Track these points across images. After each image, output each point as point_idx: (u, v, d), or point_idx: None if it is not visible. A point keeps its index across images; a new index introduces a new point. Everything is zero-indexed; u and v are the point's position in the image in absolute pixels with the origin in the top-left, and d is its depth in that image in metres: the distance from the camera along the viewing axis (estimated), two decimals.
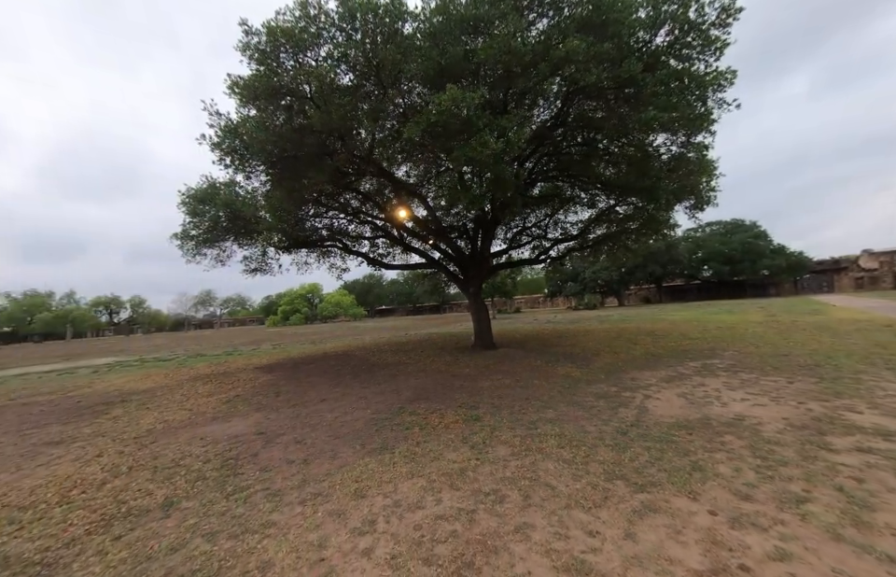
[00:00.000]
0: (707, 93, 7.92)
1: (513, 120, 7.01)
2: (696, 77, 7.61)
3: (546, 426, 4.68)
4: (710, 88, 7.80)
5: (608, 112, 8.77)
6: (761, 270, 43.06)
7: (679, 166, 9.84)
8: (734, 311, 22.11)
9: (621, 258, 25.64)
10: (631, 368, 7.96)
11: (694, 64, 8.01)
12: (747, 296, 43.35)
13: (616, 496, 2.96)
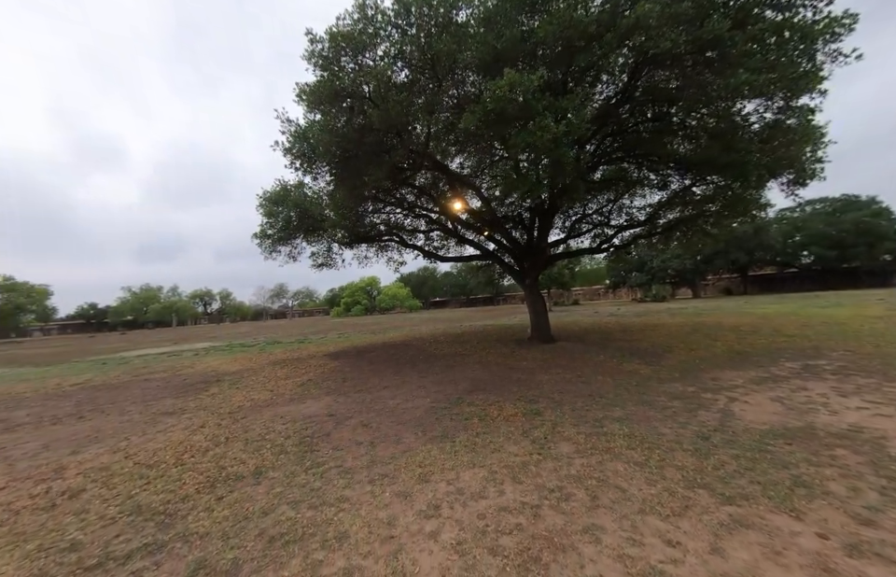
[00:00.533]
0: (815, 46, 6.70)
1: (574, 101, 6.60)
2: (801, 28, 6.48)
3: (613, 425, 4.42)
4: (821, 39, 6.59)
5: (684, 81, 7.86)
6: (881, 255, 35.91)
7: (774, 136, 8.50)
8: (844, 303, 18.76)
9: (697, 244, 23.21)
10: (711, 366, 7.17)
11: (799, 13, 6.83)
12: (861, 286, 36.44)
13: (699, 505, 2.70)
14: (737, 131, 8.54)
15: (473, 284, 62.05)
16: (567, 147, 6.42)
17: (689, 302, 32.42)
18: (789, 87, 7.14)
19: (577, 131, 7.19)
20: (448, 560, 2.32)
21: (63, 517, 3.14)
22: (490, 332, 16.68)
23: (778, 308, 18.61)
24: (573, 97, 6.54)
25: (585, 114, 7.68)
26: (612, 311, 27.56)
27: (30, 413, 6.94)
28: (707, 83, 7.21)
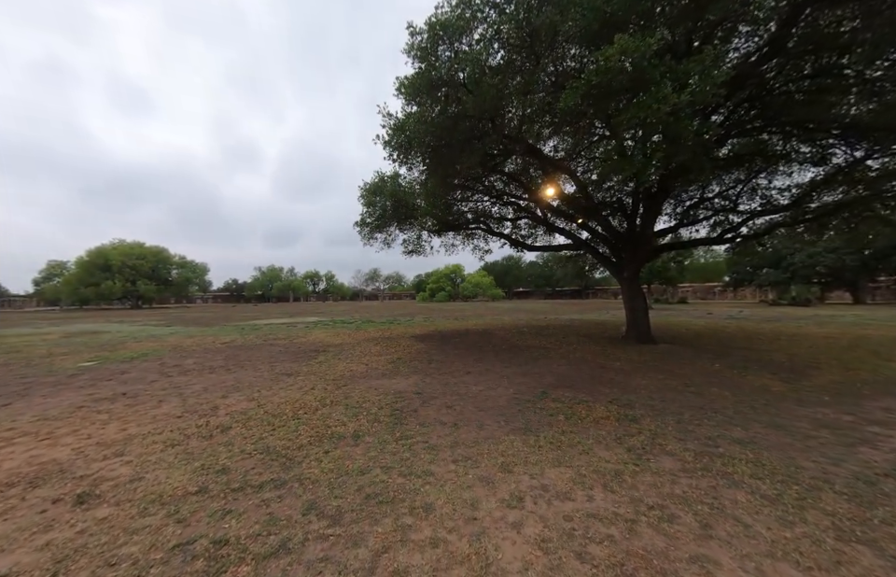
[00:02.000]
0: None
1: (703, 62, 5.59)
2: None
3: (732, 446, 3.76)
4: None
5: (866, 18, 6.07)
6: None
7: None
8: None
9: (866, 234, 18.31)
10: (879, 393, 5.57)
11: None
12: None
13: (857, 564, 2.14)
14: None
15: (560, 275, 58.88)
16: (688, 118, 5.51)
17: (848, 309, 25.59)
18: None
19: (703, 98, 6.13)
20: (531, 555, 2.28)
21: (217, 446, 3.99)
22: (578, 327, 15.69)
23: None
24: (701, 58, 5.54)
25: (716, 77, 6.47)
26: (732, 313, 23.31)
27: (195, 361, 8.94)
28: None
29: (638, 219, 11.77)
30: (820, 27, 6.94)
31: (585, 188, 12.09)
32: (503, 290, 71.63)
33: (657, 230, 14.83)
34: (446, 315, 26.54)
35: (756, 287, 41.23)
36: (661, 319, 19.37)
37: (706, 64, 5.33)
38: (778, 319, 18.25)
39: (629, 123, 5.90)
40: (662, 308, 31.86)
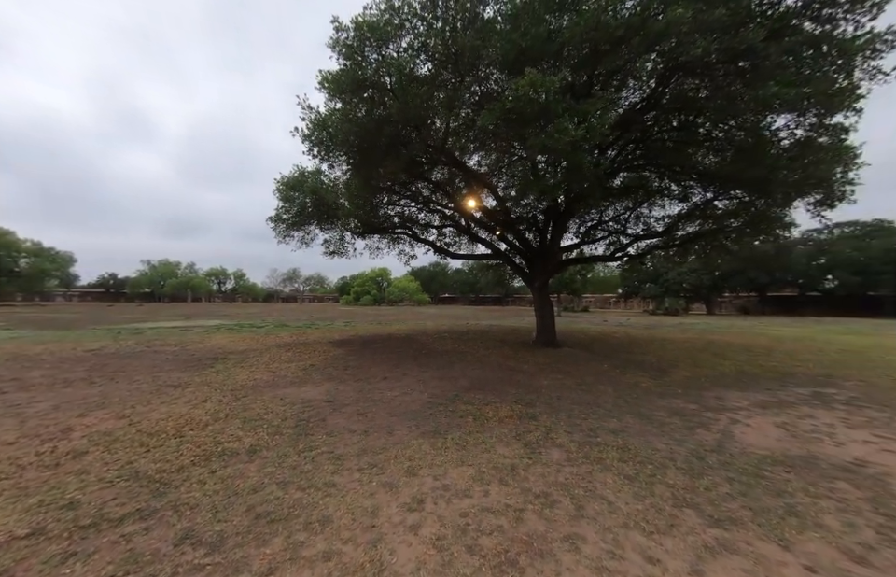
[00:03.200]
0: (853, 62, 6.42)
1: (597, 105, 6.48)
2: (840, 43, 6.21)
3: (607, 436, 4.37)
4: (860, 55, 6.31)
5: (714, 91, 7.65)
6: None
7: (803, 153, 8.16)
8: (865, 332, 18.05)
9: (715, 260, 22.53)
10: (716, 386, 7.01)
11: (839, 27, 6.54)
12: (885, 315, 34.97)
13: (685, 525, 2.66)
14: (765, 145, 8.27)
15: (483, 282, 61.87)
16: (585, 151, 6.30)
17: (702, 319, 31.68)
18: (823, 103, 6.87)
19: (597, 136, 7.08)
20: (426, 554, 2.35)
21: (65, 476, 3.28)
22: (495, 333, 16.64)
23: (795, 332, 18.02)
24: (595, 102, 6.42)
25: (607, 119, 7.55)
26: (622, 321, 27.14)
27: (45, 374, 7.25)
28: (737, 94, 7.00)
29: (549, 235, 13.00)
30: (685, 91, 8.54)
31: (504, 202, 12.97)
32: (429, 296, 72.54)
33: (564, 245, 16.57)
34: (370, 319, 25.90)
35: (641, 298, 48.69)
36: (566, 325, 21.59)
37: (599, 107, 6.15)
38: (654, 326, 21.76)
39: (538, 149, 6.51)
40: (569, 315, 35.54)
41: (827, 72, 6.33)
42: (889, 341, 14.65)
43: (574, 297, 49.82)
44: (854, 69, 6.55)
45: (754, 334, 17.06)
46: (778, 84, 5.78)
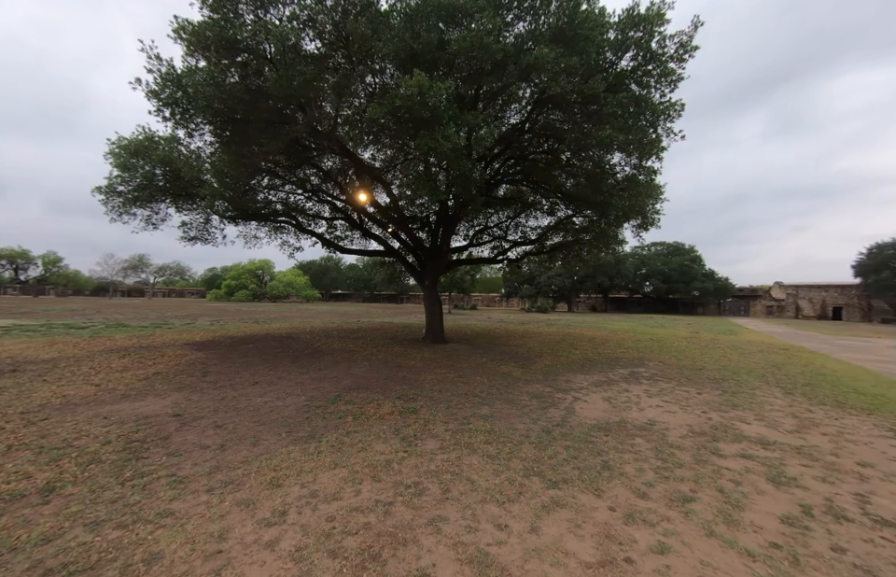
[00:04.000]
0: (658, 121, 8.47)
1: (480, 118, 7.03)
2: (651, 105, 8.11)
3: (479, 421, 4.80)
4: (662, 116, 8.36)
5: (572, 125, 9.11)
6: (693, 291, 47.52)
7: (630, 186, 10.47)
8: (665, 325, 24.20)
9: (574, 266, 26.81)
10: (568, 371, 8.41)
11: (651, 92, 8.54)
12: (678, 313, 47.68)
13: (530, 491, 3.10)
14: (605, 176, 10.26)
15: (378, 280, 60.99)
16: (466, 159, 6.76)
17: (564, 316, 37.63)
18: (640, 149, 8.87)
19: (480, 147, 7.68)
20: (281, 569, 2.17)
21: None
22: (387, 330, 16.58)
23: (624, 326, 22.99)
24: (479, 115, 6.93)
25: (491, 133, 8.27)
26: (503, 318, 30.23)
27: None
28: (587, 131, 8.46)
29: (440, 236, 13.57)
30: (552, 121, 9.94)
31: (398, 201, 13.00)
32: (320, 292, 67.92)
33: (454, 246, 17.55)
34: (244, 317, 22.80)
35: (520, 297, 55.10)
36: (455, 322, 22.93)
37: (480, 120, 6.68)
38: (528, 322, 24.90)
39: (424, 151, 6.71)
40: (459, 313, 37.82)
41: (643, 126, 8.20)
42: (679, 332, 19.92)
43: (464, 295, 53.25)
44: (658, 126, 8.66)
45: (598, 328, 21.07)
46: (612, 129, 7.25)
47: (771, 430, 4.76)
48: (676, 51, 7.85)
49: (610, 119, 7.67)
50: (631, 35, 7.63)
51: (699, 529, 2.65)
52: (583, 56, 6.97)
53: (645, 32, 7.50)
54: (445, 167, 9.81)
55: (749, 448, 4.15)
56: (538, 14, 7.92)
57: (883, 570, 2.29)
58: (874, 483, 3.42)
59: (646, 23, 7.35)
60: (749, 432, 4.66)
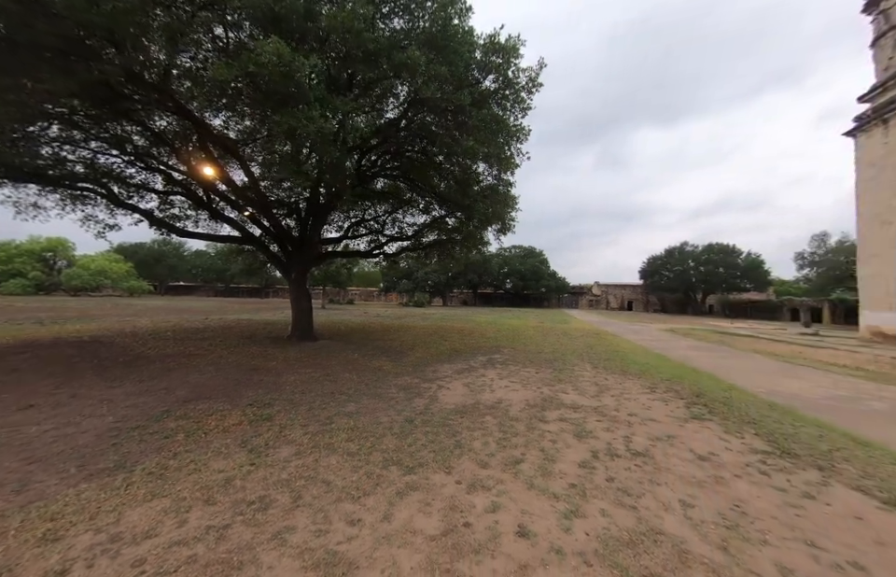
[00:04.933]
0: (511, 141, 9.77)
1: (352, 106, 6.74)
2: (507, 126, 9.28)
3: (343, 420, 4.67)
4: (514, 137, 9.67)
5: (444, 131, 9.65)
6: (541, 288, 56.99)
7: (491, 194, 11.77)
8: (520, 317, 28.34)
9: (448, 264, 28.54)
10: (436, 362, 8.97)
11: (507, 115, 9.77)
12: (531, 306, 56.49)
13: (387, 481, 3.19)
14: (471, 183, 11.26)
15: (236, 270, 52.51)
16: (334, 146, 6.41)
17: (439, 310, 39.96)
18: (499, 163, 10.07)
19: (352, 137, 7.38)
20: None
21: None
22: (243, 328, 14.51)
23: (488, 318, 25.91)
24: (349, 101, 6.63)
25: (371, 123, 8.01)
26: (380, 312, 30.11)
27: None
28: (456, 139, 9.09)
29: (309, 225, 12.54)
30: (427, 124, 10.31)
31: (257, 181, 11.41)
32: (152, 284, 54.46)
33: (328, 237, 16.53)
34: (19, 315, 16.49)
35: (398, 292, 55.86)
36: (329, 318, 21.70)
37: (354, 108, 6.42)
38: (405, 317, 25.49)
39: (283, 129, 6.08)
40: (334, 308, 35.88)
41: (501, 143, 9.34)
42: (529, 322, 23.55)
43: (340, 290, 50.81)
44: (511, 145, 10.00)
45: (467, 321, 23.12)
46: (475, 141, 8.02)
47: (581, 397, 6.11)
48: (526, 83, 9.18)
49: (475, 131, 8.47)
50: (493, 60, 8.57)
51: (524, 484, 3.21)
52: (452, 67, 7.47)
53: (504, 59, 8.52)
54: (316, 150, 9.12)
55: (566, 413, 5.24)
56: (413, 15, 8.11)
57: (632, 487, 3.22)
58: (635, 427, 4.77)
59: (504, 52, 8.36)
60: (566, 400, 5.88)
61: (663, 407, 5.62)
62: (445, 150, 10.39)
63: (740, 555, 2.39)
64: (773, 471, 3.58)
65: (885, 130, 17.21)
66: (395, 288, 55.18)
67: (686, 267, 49.82)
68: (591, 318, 31.89)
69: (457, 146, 9.24)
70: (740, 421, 5.01)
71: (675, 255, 51.66)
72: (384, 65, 6.81)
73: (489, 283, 58.92)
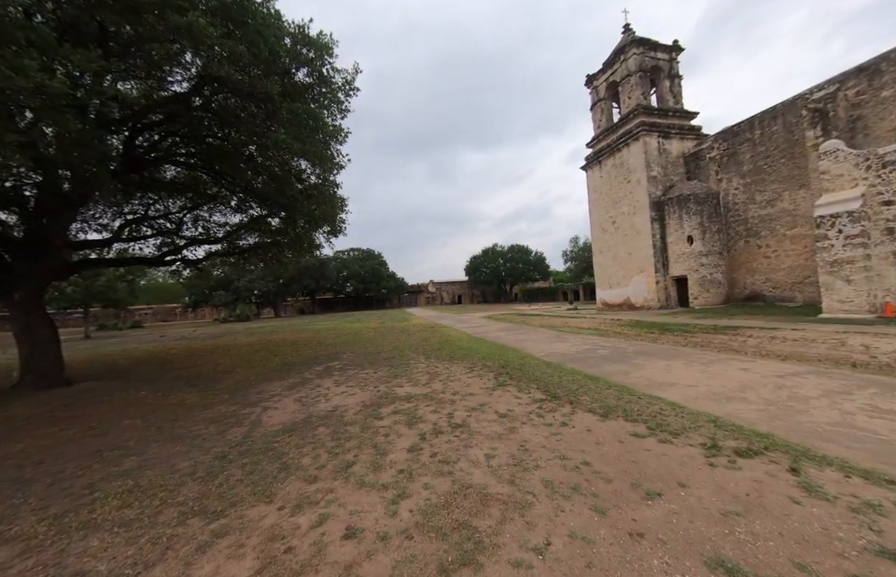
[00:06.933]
0: (330, 141, 9.51)
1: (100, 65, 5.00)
2: (325, 125, 8.95)
3: (114, 483, 3.51)
4: (333, 137, 9.45)
5: (248, 116, 8.45)
6: (382, 288, 58.12)
7: (317, 195, 11.10)
8: (361, 320, 28.11)
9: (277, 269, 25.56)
10: (262, 381, 7.88)
11: (325, 114, 9.42)
12: (373, 308, 56.85)
13: (183, 539, 2.59)
14: (291, 180, 10.33)
15: None
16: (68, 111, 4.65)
17: (270, 321, 35.19)
18: (321, 161, 9.62)
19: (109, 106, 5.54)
20: None
21: None
22: None
23: (328, 324, 24.58)
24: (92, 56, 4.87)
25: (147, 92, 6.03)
26: (186, 333, 24.12)
27: None
28: (262, 128, 8.12)
29: (44, 223, 8.77)
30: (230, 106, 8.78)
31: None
32: None
33: (83, 240, 12.06)
34: None
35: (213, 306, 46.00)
36: (97, 351, 15.89)
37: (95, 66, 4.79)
38: (223, 335, 21.26)
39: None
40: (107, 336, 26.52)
41: (320, 141, 8.96)
42: (370, 324, 23.64)
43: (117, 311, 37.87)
44: (331, 146, 9.76)
45: (304, 330, 21.25)
46: (287, 135, 7.43)
47: (414, 387, 6.57)
48: (343, 84, 9.10)
49: (287, 124, 7.82)
50: (304, 52, 8.11)
51: (354, 486, 3.20)
52: (255, 48, 6.67)
53: (317, 55, 8.19)
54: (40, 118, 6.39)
55: (399, 405, 5.53)
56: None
57: (451, 456, 3.69)
58: (457, 403, 5.49)
59: (316, 48, 8.04)
60: (401, 393, 6.21)
61: (478, 381, 6.68)
62: (255, 140, 9.17)
63: (521, 482, 3.10)
64: (545, 413, 4.80)
65: (600, 167, 25.60)
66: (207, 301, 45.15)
67: (497, 264, 60.79)
68: (427, 313, 34.73)
69: (268, 137, 8.31)
70: (528, 380, 6.48)
71: (489, 254, 62.22)
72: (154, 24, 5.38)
73: (328, 288, 55.88)
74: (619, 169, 23.57)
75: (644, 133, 21.37)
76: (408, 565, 2.21)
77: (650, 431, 3.99)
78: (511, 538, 2.41)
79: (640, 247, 22.25)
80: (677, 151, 22.29)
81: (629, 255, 23.22)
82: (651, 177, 21.50)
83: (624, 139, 22.65)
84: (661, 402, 4.95)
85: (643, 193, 21.70)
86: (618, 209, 23.96)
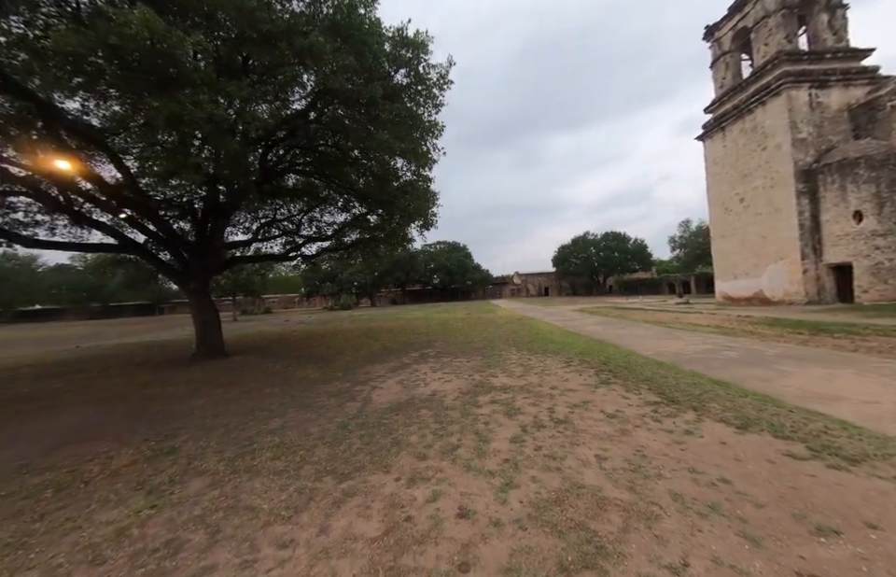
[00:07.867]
0: (426, 136, 9.86)
1: (247, 91, 6.07)
2: (421, 121, 9.33)
3: (267, 438, 4.25)
4: (429, 132, 9.78)
5: (357, 124, 9.30)
6: (467, 281, 59.12)
7: (411, 190, 11.73)
8: (448, 310, 29.05)
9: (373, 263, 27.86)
10: (367, 363, 8.71)
11: (421, 111, 9.81)
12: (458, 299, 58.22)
13: (322, 492, 3.01)
14: (390, 178, 11.08)
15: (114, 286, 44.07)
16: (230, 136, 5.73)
17: (367, 311, 38.84)
18: (416, 158, 10.08)
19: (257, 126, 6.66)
20: None
21: None
22: (130, 353, 12.30)
23: (417, 314, 26.02)
24: (243, 86, 5.94)
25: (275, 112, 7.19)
26: (303, 319, 28.12)
27: None
28: (369, 132, 8.84)
29: (209, 228, 11.07)
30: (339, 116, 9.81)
31: (134, 178, 9.65)
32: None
33: (233, 241, 14.82)
34: None
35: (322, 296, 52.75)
36: (243, 331, 19.56)
37: (245, 94, 5.78)
38: (330, 321, 24.21)
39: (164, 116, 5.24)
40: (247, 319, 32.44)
41: (417, 138, 9.36)
42: (458, 315, 24.27)
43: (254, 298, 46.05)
44: (427, 141, 10.09)
45: (397, 319, 22.89)
46: (390, 136, 7.92)
47: (509, 378, 6.51)
48: (437, 79, 9.34)
49: (389, 125, 8.35)
50: (403, 53, 8.52)
51: (462, 469, 3.30)
52: (361, 58, 7.25)
53: (414, 54, 8.54)
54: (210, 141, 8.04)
55: (496, 395, 5.53)
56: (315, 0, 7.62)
57: (557, 452, 3.54)
58: (556, 398, 5.25)
59: (413, 47, 8.38)
60: (496, 383, 6.21)
61: (578, 378, 6.29)
62: (360, 145, 10.04)
63: (643, 490, 2.80)
64: (663, 417, 4.27)
65: (723, 135, 21.60)
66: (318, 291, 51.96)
67: (589, 254, 56.42)
68: (514, 306, 34.17)
69: (372, 140, 9.01)
70: (637, 380, 5.86)
71: (580, 244, 58.09)
72: (284, 51, 6.27)
73: (417, 280, 59.09)
74: (750, 135, 19.55)
75: (789, 86, 17.25)
76: (525, 555, 2.18)
77: (813, 453, 3.23)
78: (639, 549, 2.19)
79: (780, 229, 18.20)
80: (838, 103, 17.48)
81: (763, 239, 19.20)
82: (797, 140, 17.30)
83: (759, 96, 18.62)
84: (824, 419, 3.97)
85: (786, 161, 17.62)
86: (748, 184, 19.94)
